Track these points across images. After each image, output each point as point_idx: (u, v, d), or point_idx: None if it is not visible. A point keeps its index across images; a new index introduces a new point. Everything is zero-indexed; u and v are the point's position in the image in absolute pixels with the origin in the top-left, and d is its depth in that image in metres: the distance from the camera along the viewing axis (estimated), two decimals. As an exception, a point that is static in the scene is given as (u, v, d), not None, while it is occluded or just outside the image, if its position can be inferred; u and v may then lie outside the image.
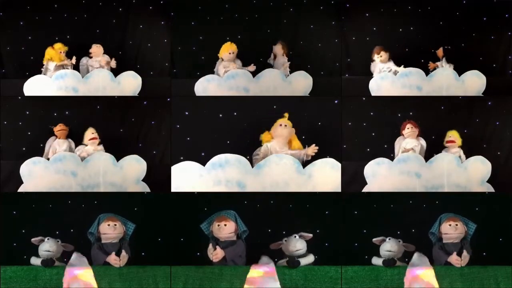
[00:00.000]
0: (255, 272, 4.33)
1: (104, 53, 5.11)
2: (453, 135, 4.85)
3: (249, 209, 4.72)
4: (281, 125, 4.76)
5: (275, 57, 5.11)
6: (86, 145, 4.83)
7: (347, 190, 4.71)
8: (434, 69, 5.06)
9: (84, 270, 4.31)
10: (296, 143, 4.79)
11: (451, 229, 4.46)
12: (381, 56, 5.07)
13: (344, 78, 5.02)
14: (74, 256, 4.39)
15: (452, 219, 4.48)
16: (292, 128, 4.78)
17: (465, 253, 4.37)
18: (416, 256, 4.39)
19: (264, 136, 4.79)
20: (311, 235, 4.48)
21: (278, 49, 5.10)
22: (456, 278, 4.29)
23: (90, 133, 4.84)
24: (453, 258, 4.36)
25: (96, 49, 5.10)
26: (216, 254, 4.37)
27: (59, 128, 4.87)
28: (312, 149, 4.70)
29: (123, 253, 4.40)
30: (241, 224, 4.46)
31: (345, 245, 4.71)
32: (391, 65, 5.06)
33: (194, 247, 4.56)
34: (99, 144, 4.84)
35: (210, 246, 4.41)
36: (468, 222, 4.49)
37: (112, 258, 4.38)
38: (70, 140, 4.89)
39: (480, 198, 4.73)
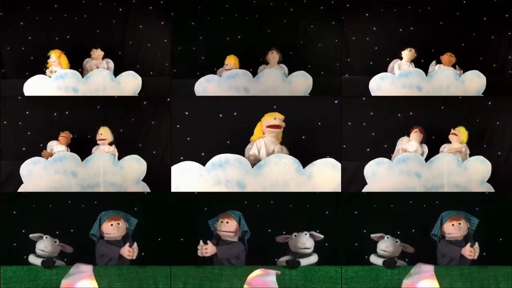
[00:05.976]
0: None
1: (103, 54, 5.11)
2: (458, 130, 4.81)
3: (249, 209, 4.71)
4: (275, 118, 4.71)
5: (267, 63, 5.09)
6: (99, 145, 4.87)
7: (347, 190, 4.71)
8: None
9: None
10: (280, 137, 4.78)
11: (455, 229, 4.45)
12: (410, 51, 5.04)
13: (344, 78, 5.01)
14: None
15: (455, 218, 4.47)
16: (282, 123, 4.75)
17: (476, 244, 4.37)
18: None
19: (256, 132, 4.77)
20: (322, 236, 4.49)
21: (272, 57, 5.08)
22: (456, 278, 4.29)
23: (99, 133, 4.86)
24: (466, 250, 4.36)
25: (96, 54, 5.09)
26: (205, 249, 4.38)
27: (63, 135, 4.88)
28: None
29: (135, 244, 4.42)
30: (243, 225, 4.47)
31: (345, 245, 4.71)
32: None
33: (194, 247, 4.54)
34: (110, 144, 4.87)
35: (201, 242, 4.41)
36: (471, 218, 4.49)
37: (126, 250, 4.39)
38: (68, 149, 4.91)
39: (480, 198, 4.73)
